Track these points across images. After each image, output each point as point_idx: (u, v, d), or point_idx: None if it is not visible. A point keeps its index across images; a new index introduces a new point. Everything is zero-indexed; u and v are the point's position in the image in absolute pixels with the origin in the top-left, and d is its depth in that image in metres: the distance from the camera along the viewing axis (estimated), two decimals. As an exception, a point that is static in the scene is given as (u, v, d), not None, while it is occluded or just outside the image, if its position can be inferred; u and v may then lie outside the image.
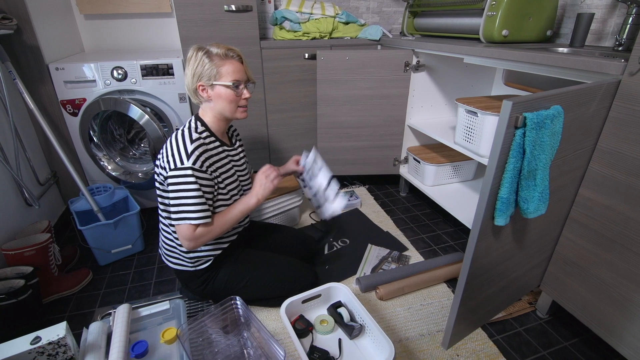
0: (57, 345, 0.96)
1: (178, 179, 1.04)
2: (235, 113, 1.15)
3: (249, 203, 1.16)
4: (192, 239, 1.08)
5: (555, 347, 1.18)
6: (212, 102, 1.12)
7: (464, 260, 0.96)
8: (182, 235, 1.08)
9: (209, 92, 1.10)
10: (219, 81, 1.08)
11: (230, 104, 1.12)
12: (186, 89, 1.15)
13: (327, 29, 1.94)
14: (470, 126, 1.42)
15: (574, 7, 1.51)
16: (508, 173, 0.78)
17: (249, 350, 1.11)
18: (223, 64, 1.08)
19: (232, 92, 1.10)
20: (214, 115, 1.15)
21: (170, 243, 1.21)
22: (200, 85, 1.09)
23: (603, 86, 0.89)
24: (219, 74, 1.08)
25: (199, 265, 1.22)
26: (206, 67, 1.07)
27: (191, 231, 1.07)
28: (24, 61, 1.53)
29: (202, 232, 1.09)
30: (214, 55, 1.08)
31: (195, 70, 1.08)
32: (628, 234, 0.95)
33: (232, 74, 1.09)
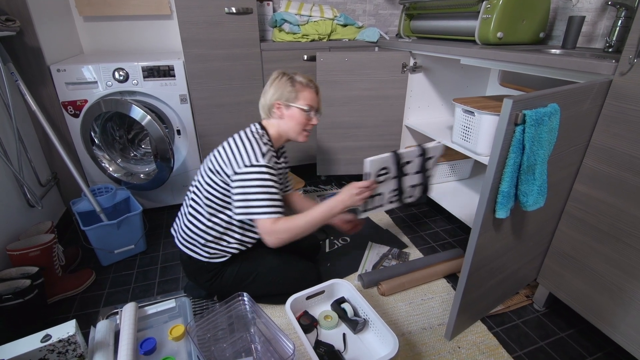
0: (67, 343, 0.98)
1: (254, 175, 1.10)
2: (299, 135, 1.24)
3: (334, 209, 1.19)
4: (272, 232, 1.12)
5: (552, 338, 1.22)
6: (282, 120, 1.22)
7: (466, 253, 0.99)
8: (263, 229, 1.12)
9: (283, 111, 1.20)
10: (295, 103, 1.19)
11: (298, 126, 1.22)
12: (261, 104, 1.25)
13: (326, 31, 1.97)
14: (467, 125, 1.46)
15: (566, 10, 1.56)
16: (508, 168, 0.82)
17: (257, 346, 1.13)
18: (303, 90, 1.19)
19: (304, 116, 1.20)
20: (278, 132, 1.24)
21: (195, 231, 1.22)
22: (277, 103, 1.19)
23: (596, 85, 0.93)
24: (297, 97, 1.19)
25: (215, 258, 1.24)
26: (287, 90, 1.18)
27: (270, 224, 1.11)
28: (25, 63, 1.54)
29: (284, 228, 1.12)
30: (296, 82, 1.19)
31: (277, 89, 1.19)
32: (620, 227, 0.99)
33: (308, 100, 1.20)
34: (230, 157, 1.14)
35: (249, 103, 1.96)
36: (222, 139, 1.98)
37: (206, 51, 1.78)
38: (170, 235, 1.79)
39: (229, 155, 1.14)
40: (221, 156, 1.16)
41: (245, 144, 1.15)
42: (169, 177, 1.79)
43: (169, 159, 1.71)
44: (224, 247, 1.24)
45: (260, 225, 1.12)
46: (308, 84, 1.21)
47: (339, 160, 2.05)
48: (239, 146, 1.15)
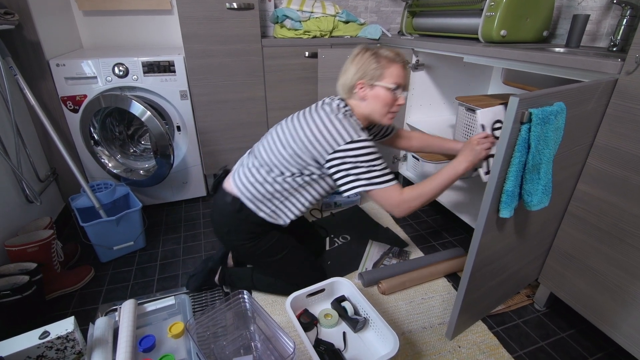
0: (65, 340, 0.97)
1: (361, 149, 1.03)
2: (384, 117, 1.14)
3: (458, 169, 1.08)
4: (402, 201, 1.05)
5: (553, 338, 1.21)
6: (365, 101, 1.12)
7: (468, 253, 0.99)
8: (391, 200, 1.06)
9: (366, 92, 1.10)
10: (380, 82, 1.08)
11: (384, 107, 1.11)
12: (340, 84, 1.14)
13: (328, 28, 1.96)
14: (469, 124, 1.45)
15: (570, 9, 1.55)
16: (513, 167, 0.81)
17: (257, 344, 1.12)
18: (389, 66, 1.08)
19: (390, 95, 1.09)
20: (361, 114, 1.14)
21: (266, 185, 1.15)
22: (360, 82, 1.09)
23: (601, 84, 0.93)
24: (382, 75, 1.08)
25: (273, 218, 1.20)
26: (372, 67, 1.07)
27: (398, 194, 1.05)
28: (24, 57, 1.52)
29: (413, 195, 1.06)
30: (382, 57, 1.08)
31: (359, 67, 1.09)
32: (623, 227, 0.99)
33: (395, 77, 1.08)
34: (320, 136, 1.05)
35: (250, 99, 1.95)
36: (223, 136, 1.98)
37: (207, 47, 1.76)
38: (169, 232, 1.78)
39: (319, 134, 1.05)
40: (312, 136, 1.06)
41: (335, 122, 1.05)
42: (169, 173, 1.78)
43: (169, 156, 1.70)
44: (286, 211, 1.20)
45: (385, 196, 1.06)
46: (395, 58, 1.09)
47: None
48: (327, 125, 1.05)
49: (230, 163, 2.08)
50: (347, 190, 1.08)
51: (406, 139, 1.43)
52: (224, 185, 1.25)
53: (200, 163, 2.00)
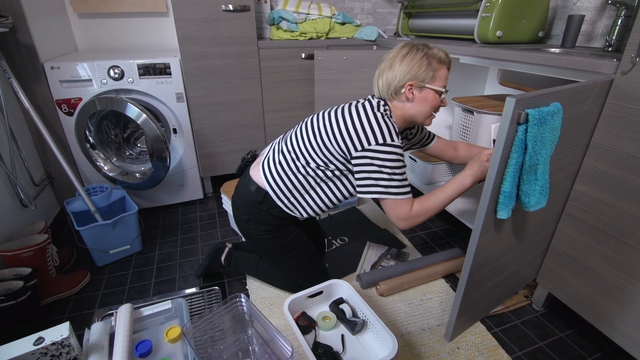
0: (60, 346, 0.96)
1: (390, 154, 1.00)
2: (427, 119, 1.12)
3: (464, 183, 1.08)
4: (409, 217, 1.05)
5: (552, 338, 1.21)
6: (411, 103, 1.08)
7: (467, 254, 0.98)
8: (400, 213, 1.05)
9: (415, 93, 1.07)
10: (432, 85, 1.05)
11: (430, 109, 1.09)
12: (384, 83, 1.09)
13: (324, 29, 1.96)
14: (466, 125, 1.45)
15: (565, 9, 1.55)
16: (510, 168, 0.81)
17: (254, 347, 1.11)
18: (440, 69, 1.05)
19: (437, 98, 1.08)
20: (403, 116, 1.11)
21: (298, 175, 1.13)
22: (410, 84, 1.05)
23: (597, 84, 0.93)
24: (433, 78, 1.05)
25: (291, 209, 1.18)
26: (424, 68, 1.04)
27: (408, 208, 1.05)
28: (18, 60, 1.51)
29: (420, 211, 1.06)
30: (433, 58, 1.05)
31: (410, 68, 1.04)
32: (621, 227, 0.99)
33: (444, 80, 1.07)
34: (353, 131, 1.02)
35: (246, 101, 1.94)
36: (219, 138, 1.97)
37: (203, 49, 1.75)
38: (166, 235, 1.77)
39: (352, 129, 1.03)
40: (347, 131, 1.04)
41: (372, 120, 1.02)
42: (165, 176, 1.77)
43: (165, 158, 1.69)
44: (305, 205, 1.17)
45: (396, 208, 1.05)
46: (445, 60, 1.06)
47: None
48: (364, 121, 1.03)
49: (227, 165, 2.07)
50: (363, 192, 1.06)
51: (451, 148, 1.36)
52: (251, 173, 1.22)
53: (197, 166, 1.99)
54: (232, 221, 1.76)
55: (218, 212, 1.98)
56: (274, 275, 1.36)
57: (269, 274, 1.37)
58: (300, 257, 1.27)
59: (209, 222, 1.88)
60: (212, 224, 1.87)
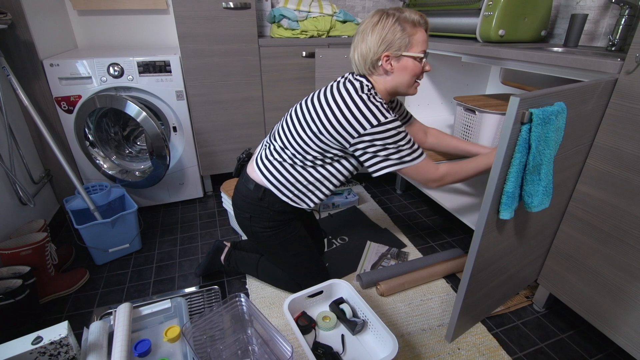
0: (59, 345, 0.95)
1: (391, 131, 0.97)
2: (411, 88, 1.06)
3: (490, 161, 1.08)
4: (438, 176, 1.04)
5: (553, 339, 1.21)
6: (390, 75, 1.03)
7: (468, 254, 0.98)
8: (427, 174, 1.03)
9: (392, 64, 1.01)
10: (409, 52, 0.99)
11: (412, 78, 1.03)
12: (359, 57, 1.04)
13: (325, 27, 1.95)
14: (468, 124, 1.44)
15: (568, 8, 1.54)
16: (514, 168, 0.80)
17: (254, 347, 1.11)
18: (415, 32, 0.98)
19: (418, 65, 1.01)
20: (385, 89, 1.06)
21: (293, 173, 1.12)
22: (386, 55, 0.99)
23: (601, 84, 0.92)
24: (410, 43, 0.98)
25: (296, 201, 1.16)
26: (398, 35, 0.97)
27: (433, 167, 1.03)
28: (17, 57, 1.50)
29: (451, 171, 1.06)
30: (406, 22, 0.97)
31: (384, 38, 0.97)
32: (623, 227, 0.98)
33: (422, 44, 0.99)
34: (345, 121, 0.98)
35: (247, 100, 1.93)
36: (219, 136, 1.96)
37: (203, 46, 1.74)
38: (166, 234, 1.76)
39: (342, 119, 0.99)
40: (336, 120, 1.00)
41: (360, 104, 0.98)
42: (165, 174, 1.76)
43: (165, 156, 1.68)
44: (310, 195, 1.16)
45: (421, 171, 1.02)
46: (419, 22, 0.98)
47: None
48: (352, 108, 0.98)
49: (227, 163, 2.06)
50: (376, 170, 1.03)
51: (422, 132, 1.34)
52: (247, 171, 1.21)
53: (197, 164, 1.98)
54: (232, 220, 1.75)
55: (218, 210, 1.97)
56: (274, 275, 1.35)
57: (269, 273, 1.36)
58: (301, 255, 1.27)
59: (208, 221, 1.87)
60: (211, 222, 1.86)
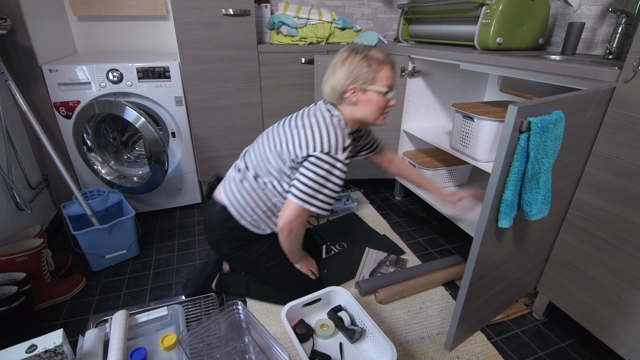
0: (53, 354, 0.94)
1: (326, 165, 1.03)
2: (377, 120, 1.14)
3: (297, 258, 1.26)
4: (290, 222, 1.09)
5: (552, 347, 1.20)
6: (357, 106, 1.10)
7: (467, 262, 0.97)
8: (288, 212, 1.08)
9: (358, 96, 1.09)
10: (373, 86, 1.07)
11: (377, 111, 1.11)
12: (328, 89, 1.12)
13: (324, 34, 1.96)
14: (466, 131, 1.44)
15: (565, 17, 1.55)
16: (512, 176, 0.80)
17: (251, 356, 1.10)
18: (380, 70, 1.06)
19: (382, 99, 1.09)
20: (352, 119, 1.13)
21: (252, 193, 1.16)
22: (352, 87, 1.07)
23: (599, 92, 0.92)
24: (374, 79, 1.06)
25: (254, 227, 1.19)
26: (364, 71, 1.05)
27: (297, 214, 1.07)
28: (16, 62, 1.50)
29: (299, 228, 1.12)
30: (373, 60, 1.06)
31: (352, 72, 1.06)
32: (622, 235, 0.98)
33: (387, 80, 1.08)
34: (309, 137, 1.05)
35: (246, 106, 1.93)
36: (218, 142, 1.96)
37: (202, 53, 1.75)
38: (163, 240, 1.75)
39: (306, 136, 1.05)
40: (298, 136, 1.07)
41: (328, 130, 1.04)
42: (163, 180, 1.76)
43: (163, 162, 1.68)
44: (268, 221, 1.19)
45: (294, 212, 1.07)
46: (385, 60, 1.07)
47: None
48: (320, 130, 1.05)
49: (225, 169, 2.06)
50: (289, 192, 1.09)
51: (387, 160, 1.47)
52: (215, 193, 1.25)
53: (195, 169, 1.98)
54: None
55: (216, 216, 1.96)
56: (267, 294, 1.33)
57: (262, 292, 1.34)
58: (281, 264, 1.26)
59: (206, 227, 1.86)
60: (210, 228, 1.85)
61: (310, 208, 1.07)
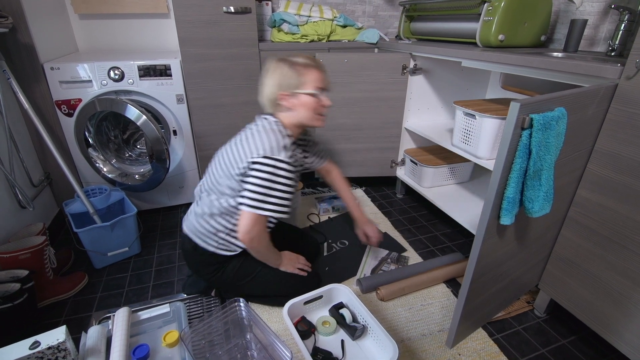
0: (56, 350, 0.94)
1: (268, 167, 1.04)
2: (315, 122, 1.16)
3: (275, 262, 1.25)
4: (248, 232, 1.09)
5: (554, 345, 1.20)
6: (293, 111, 1.14)
7: (469, 260, 0.97)
8: (243, 223, 1.08)
9: (291, 101, 1.12)
10: (302, 89, 1.10)
11: (311, 112, 1.13)
12: (265, 100, 1.16)
13: (325, 32, 1.95)
14: (468, 128, 1.44)
15: (567, 13, 1.55)
16: (514, 173, 0.80)
17: (253, 353, 1.10)
18: (306, 73, 1.09)
19: (314, 101, 1.12)
20: (293, 124, 1.16)
21: (207, 219, 1.18)
22: (282, 94, 1.11)
23: (602, 89, 0.92)
24: (302, 83, 1.09)
25: (222, 250, 1.20)
26: (289, 77, 1.09)
27: (253, 222, 1.08)
28: (18, 60, 1.50)
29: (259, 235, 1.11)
30: (297, 65, 1.09)
31: (277, 81, 1.10)
32: (624, 233, 0.98)
33: (315, 82, 1.10)
34: (246, 147, 1.07)
35: (247, 103, 1.93)
36: (219, 140, 1.96)
37: (203, 51, 1.75)
38: (165, 237, 1.75)
39: (244, 146, 1.08)
40: (237, 149, 1.10)
41: (263, 135, 1.08)
42: (165, 178, 1.76)
43: (165, 160, 1.68)
44: (234, 241, 1.20)
45: (249, 220, 1.08)
46: (310, 64, 1.11)
47: (338, 163, 2.02)
48: (255, 137, 1.08)
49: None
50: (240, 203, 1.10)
51: (326, 171, 1.52)
52: (182, 227, 1.29)
53: (197, 167, 1.98)
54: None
55: (217, 214, 1.97)
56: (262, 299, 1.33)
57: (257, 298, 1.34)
58: (262, 274, 1.25)
59: (208, 225, 1.86)
60: (211, 226, 1.85)
61: (263, 213, 1.07)
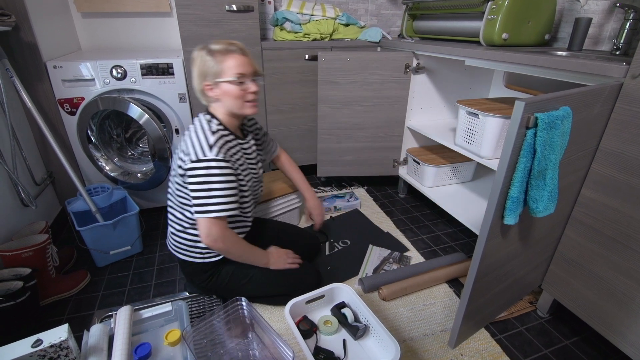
0: (59, 348, 0.94)
1: (200, 171, 1.03)
2: (243, 109, 1.11)
3: (261, 260, 1.22)
4: (207, 235, 1.07)
5: (557, 345, 1.19)
6: (220, 101, 1.11)
7: (472, 259, 0.97)
8: (201, 229, 1.07)
9: (215, 91, 1.09)
10: (222, 78, 1.06)
11: (237, 100, 1.09)
12: (196, 94, 1.14)
13: (328, 31, 1.95)
14: (471, 128, 1.43)
15: (572, 12, 1.54)
16: (518, 172, 0.79)
17: (255, 352, 1.10)
18: (225, 60, 1.05)
19: (237, 88, 1.07)
20: (225, 113, 1.13)
21: (181, 234, 1.19)
22: (206, 85, 1.08)
23: (607, 88, 0.91)
24: (221, 70, 1.05)
25: (208, 258, 1.20)
26: (209, 65, 1.05)
27: (208, 225, 1.06)
28: (21, 59, 1.51)
29: (221, 236, 1.08)
30: (215, 52, 1.05)
31: (199, 71, 1.07)
32: (629, 233, 0.97)
33: (235, 68, 1.05)
34: (181, 154, 1.08)
35: (249, 102, 1.93)
36: (221, 139, 1.96)
37: (206, 49, 1.74)
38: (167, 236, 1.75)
39: (179, 154, 1.09)
40: (176, 159, 1.12)
41: (193, 138, 1.06)
42: (167, 177, 1.76)
43: (167, 158, 1.68)
44: None
45: (199, 225, 1.07)
46: (228, 49, 1.05)
47: (340, 162, 2.02)
48: (187, 142, 1.07)
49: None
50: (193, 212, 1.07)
51: (277, 158, 1.54)
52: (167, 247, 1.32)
53: (199, 166, 1.98)
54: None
55: (219, 213, 1.97)
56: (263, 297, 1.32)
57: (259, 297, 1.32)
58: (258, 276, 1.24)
59: (210, 224, 1.86)
60: (213, 225, 1.85)
61: (211, 215, 1.05)
